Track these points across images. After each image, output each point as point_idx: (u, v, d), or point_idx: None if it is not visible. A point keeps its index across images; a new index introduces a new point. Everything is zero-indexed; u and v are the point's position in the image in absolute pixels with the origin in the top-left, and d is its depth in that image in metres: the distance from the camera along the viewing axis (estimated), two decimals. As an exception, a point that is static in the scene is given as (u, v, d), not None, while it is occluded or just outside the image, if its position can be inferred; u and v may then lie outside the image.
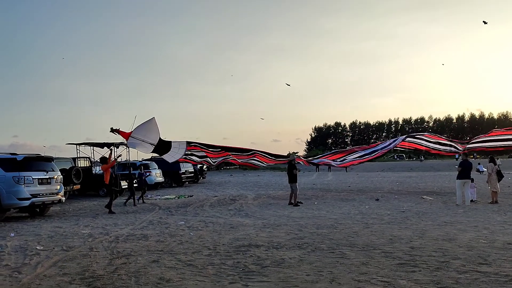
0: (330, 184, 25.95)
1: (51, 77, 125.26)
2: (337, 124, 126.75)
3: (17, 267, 6.44)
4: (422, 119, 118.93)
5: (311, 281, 5.27)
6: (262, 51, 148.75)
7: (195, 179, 28.74)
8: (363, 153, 19.30)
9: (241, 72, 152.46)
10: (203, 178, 32.16)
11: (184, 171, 25.94)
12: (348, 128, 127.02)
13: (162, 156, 15.66)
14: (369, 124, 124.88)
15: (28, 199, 11.98)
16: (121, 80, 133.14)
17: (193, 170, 27.58)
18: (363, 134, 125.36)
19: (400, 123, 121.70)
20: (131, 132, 14.63)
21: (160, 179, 24.27)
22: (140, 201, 16.75)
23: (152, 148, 14.74)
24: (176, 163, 25.58)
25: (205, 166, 36.91)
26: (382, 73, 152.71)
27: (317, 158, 21.41)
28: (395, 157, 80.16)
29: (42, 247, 7.92)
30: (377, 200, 15.43)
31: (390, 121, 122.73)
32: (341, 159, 19.81)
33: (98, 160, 17.05)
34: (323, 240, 7.98)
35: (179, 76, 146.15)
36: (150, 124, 14.64)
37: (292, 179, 14.64)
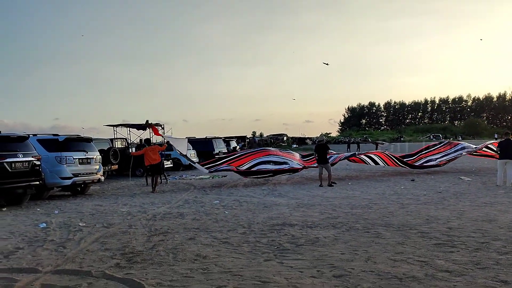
0: (364, 165, 25.60)
1: (88, 60, 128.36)
2: (371, 104, 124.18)
3: (62, 242, 6.75)
4: (460, 98, 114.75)
5: (346, 260, 5.28)
6: (294, 30, 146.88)
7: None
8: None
9: (272, 52, 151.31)
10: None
11: (218, 151, 26.21)
12: (383, 108, 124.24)
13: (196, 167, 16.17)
14: (404, 104, 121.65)
15: (69, 178, 12.47)
16: (153, 63, 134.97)
17: (226, 151, 27.84)
18: (398, 114, 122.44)
19: (437, 102, 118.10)
20: (161, 135, 16.45)
21: (195, 159, 24.60)
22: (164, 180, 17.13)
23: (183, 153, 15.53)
24: (210, 143, 26.01)
25: (238, 147, 37.23)
26: (418, 50, 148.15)
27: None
28: (431, 137, 78.20)
29: (84, 224, 8.25)
30: (413, 180, 15.16)
31: (426, 100, 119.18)
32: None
33: (144, 142, 17.57)
34: (358, 220, 7.95)
35: (210, 58, 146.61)
36: (182, 140, 16.00)
37: (325, 159, 14.54)
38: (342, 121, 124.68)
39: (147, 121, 19.51)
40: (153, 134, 16.19)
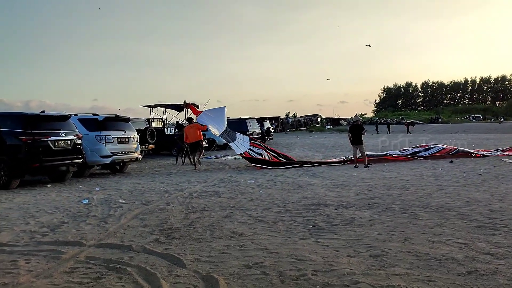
0: (400, 146, 25.11)
1: (125, 42, 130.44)
2: (408, 84, 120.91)
3: (103, 217, 7.01)
4: (503, 78, 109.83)
5: (383, 240, 5.24)
6: (329, 8, 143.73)
7: (262, 140, 29.11)
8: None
9: (307, 31, 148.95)
10: (270, 139, 32.47)
11: (251, 132, 26.29)
12: (420, 88, 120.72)
13: (228, 143, 16.09)
14: (443, 83, 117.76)
15: (109, 156, 12.86)
16: (188, 43, 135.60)
17: (260, 132, 27.90)
18: (436, 95, 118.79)
19: (478, 82, 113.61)
20: (201, 111, 16.00)
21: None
22: (179, 160, 17.25)
23: (219, 132, 15.50)
24: (244, 124, 26.09)
25: (272, 128, 37.23)
26: (458, 27, 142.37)
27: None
28: (471, 118, 75.56)
29: (124, 201, 8.52)
30: (451, 162, 14.76)
31: (466, 80, 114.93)
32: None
33: (186, 121, 17.71)
34: (394, 201, 7.85)
35: (244, 37, 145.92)
36: (220, 110, 15.90)
37: (359, 140, 14.31)
38: (377, 101, 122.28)
39: (184, 101, 19.82)
40: (192, 113, 16.32)
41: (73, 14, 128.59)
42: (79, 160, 11.65)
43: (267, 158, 15.13)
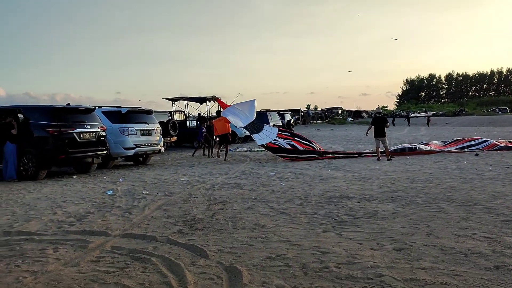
0: (423, 138, 24.73)
1: (147, 36, 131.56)
2: (431, 76, 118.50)
3: (127, 208, 7.12)
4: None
5: (407, 233, 5.19)
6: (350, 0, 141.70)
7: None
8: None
9: (328, 23, 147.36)
10: (291, 131, 32.34)
11: (272, 124, 26.25)
12: (444, 80, 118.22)
13: (251, 135, 16.10)
14: (468, 75, 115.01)
15: (132, 148, 13.04)
16: (208, 36, 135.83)
17: (280, 124, 27.83)
18: (460, 87, 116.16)
19: (505, 73, 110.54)
20: (229, 105, 16.21)
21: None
22: (196, 153, 17.41)
23: (243, 124, 15.62)
24: (264, 117, 26.05)
25: (292, 120, 37.11)
26: (485, 16, 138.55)
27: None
28: (497, 111, 73.66)
29: (147, 192, 8.64)
30: (477, 155, 14.46)
31: (492, 71, 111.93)
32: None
33: (215, 114, 17.95)
34: (418, 194, 7.75)
35: (265, 30, 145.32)
36: (250, 103, 16.09)
37: (382, 133, 14.13)
38: (399, 94, 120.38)
39: (213, 96, 20.01)
40: (220, 107, 16.62)
41: (97, 9, 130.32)
42: (103, 152, 11.86)
43: (298, 149, 15.06)
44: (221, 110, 16.64)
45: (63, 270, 4.20)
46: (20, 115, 10.88)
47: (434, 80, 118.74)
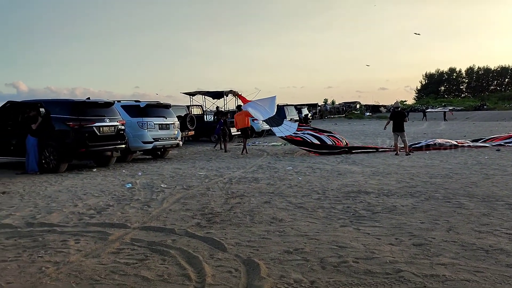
0: (443, 133, 24.37)
1: (165, 31, 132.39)
2: (451, 70, 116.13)
3: (146, 201, 7.21)
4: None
5: (426, 229, 5.13)
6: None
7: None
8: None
9: (346, 16, 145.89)
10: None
11: (289, 118, 26.18)
12: (464, 74, 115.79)
13: (271, 128, 16.29)
14: (489, 69, 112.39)
15: (151, 142, 13.17)
16: (225, 30, 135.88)
17: (297, 118, 27.75)
18: (481, 81, 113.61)
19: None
20: (250, 101, 16.54)
21: (266, 126, 24.82)
22: (217, 147, 17.56)
23: (263, 117, 15.86)
24: (282, 111, 26.01)
25: (309, 115, 36.95)
26: (507, 9, 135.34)
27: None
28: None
29: (165, 185, 8.72)
30: (498, 150, 14.17)
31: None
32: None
33: (236, 109, 18.12)
34: (438, 189, 7.65)
35: (282, 24, 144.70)
36: (271, 99, 16.38)
37: (401, 127, 13.95)
38: (418, 88, 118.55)
39: (234, 91, 20.20)
40: (242, 102, 16.94)
41: (116, 5, 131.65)
42: (123, 146, 12.00)
43: (324, 141, 15.02)
44: (242, 104, 16.83)
45: (84, 261, 4.28)
46: (41, 109, 11.07)
47: (454, 74, 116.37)
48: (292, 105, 30.71)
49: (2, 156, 11.64)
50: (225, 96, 22.02)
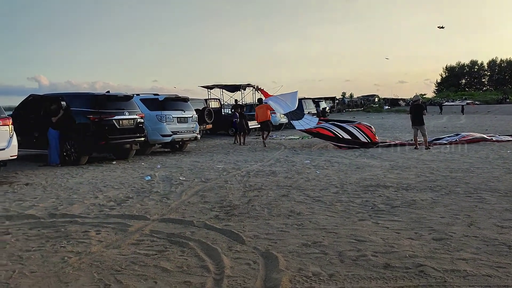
0: (463, 127, 23.95)
1: (183, 26, 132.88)
2: (473, 63, 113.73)
3: (165, 193, 7.28)
4: None
5: (447, 224, 5.06)
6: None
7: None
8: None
9: (365, 8, 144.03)
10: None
11: (307, 112, 26.03)
12: (486, 67, 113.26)
13: (291, 121, 16.42)
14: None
15: (169, 135, 13.27)
16: (243, 24, 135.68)
17: (315, 112, 27.60)
18: (504, 73, 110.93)
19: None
20: (272, 95, 16.89)
21: (284, 120, 24.75)
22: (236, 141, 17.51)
23: (284, 111, 16.17)
24: (299, 105, 25.88)
25: (328, 108, 36.71)
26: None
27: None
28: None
29: (184, 178, 8.79)
30: (522, 144, 13.88)
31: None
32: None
33: (257, 102, 18.16)
34: (458, 184, 7.53)
35: (300, 17, 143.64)
36: (293, 94, 16.71)
37: (420, 121, 13.74)
38: (439, 81, 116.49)
39: (257, 86, 20.35)
40: (264, 96, 17.14)
41: (134, 2, 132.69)
42: (142, 139, 12.12)
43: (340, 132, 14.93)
44: (263, 97, 17.10)
45: (105, 252, 4.35)
46: (63, 103, 11.24)
47: (476, 66, 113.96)
48: (310, 98, 30.54)
49: (25, 149, 11.88)
50: (242, 90, 22.02)
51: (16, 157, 9.11)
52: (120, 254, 4.28)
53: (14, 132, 9.13)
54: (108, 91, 12.09)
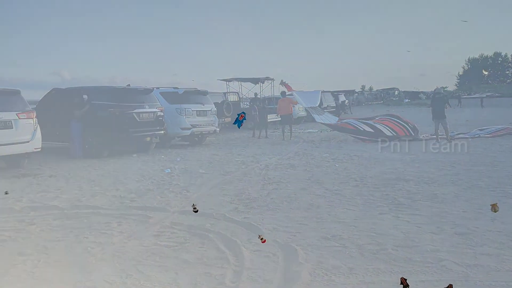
0: (486, 121, 23.44)
1: (201, 21, 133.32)
2: (497, 55, 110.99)
3: (185, 186, 7.35)
4: None
5: (469, 218, 4.99)
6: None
7: (336, 114, 28.53)
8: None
9: (385, 1, 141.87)
10: (345, 113, 31.74)
11: (326, 105, 25.86)
12: (510, 59, 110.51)
13: (312, 114, 16.85)
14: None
15: (189, 128, 13.35)
16: (258, 18, 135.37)
17: (334, 105, 27.41)
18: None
19: None
20: (294, 90, 17.54)
21: (303, 113, 24.62)
22: (255, 135, 17.40)
23: (306, 105, 16.92)
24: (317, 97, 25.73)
25: (346, 101, 36.38)
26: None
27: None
28: None
29: (203, 171, 8.85)
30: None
31: None
32: None
33: (280, 94, 18.22)
34: (481, 178, 7.40)
35: (315, 10, 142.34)
36: (316, 93, 17.93)
37: (441, 114, 13.50)
38: (461, 73, 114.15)
39: (282, 80, 20.43)
40: (287, 90, 17.52)
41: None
42: (161, 132, 12.22)
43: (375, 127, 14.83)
44: (286, 91, 17.40)
45: (127, 243, 4.43)
46: (84, 96, 11.41)
47: (500, 59, 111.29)
48: (329, 91, 30.29)
49: (48, 141, 12.11)
50: (260, 83, 21.96)
51: (40, 149, 9.31)
52: (141, 246, 4.34)
53: (38, 125, 9.32)
54: (129, 85, 12.22)
